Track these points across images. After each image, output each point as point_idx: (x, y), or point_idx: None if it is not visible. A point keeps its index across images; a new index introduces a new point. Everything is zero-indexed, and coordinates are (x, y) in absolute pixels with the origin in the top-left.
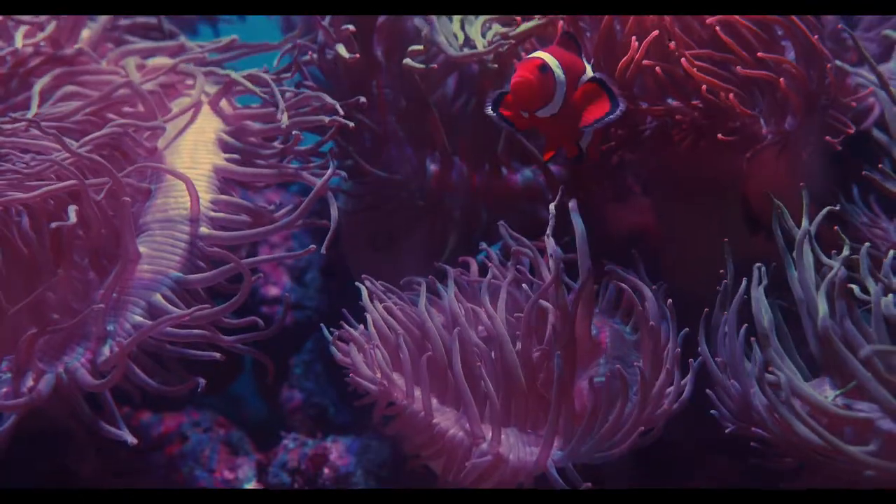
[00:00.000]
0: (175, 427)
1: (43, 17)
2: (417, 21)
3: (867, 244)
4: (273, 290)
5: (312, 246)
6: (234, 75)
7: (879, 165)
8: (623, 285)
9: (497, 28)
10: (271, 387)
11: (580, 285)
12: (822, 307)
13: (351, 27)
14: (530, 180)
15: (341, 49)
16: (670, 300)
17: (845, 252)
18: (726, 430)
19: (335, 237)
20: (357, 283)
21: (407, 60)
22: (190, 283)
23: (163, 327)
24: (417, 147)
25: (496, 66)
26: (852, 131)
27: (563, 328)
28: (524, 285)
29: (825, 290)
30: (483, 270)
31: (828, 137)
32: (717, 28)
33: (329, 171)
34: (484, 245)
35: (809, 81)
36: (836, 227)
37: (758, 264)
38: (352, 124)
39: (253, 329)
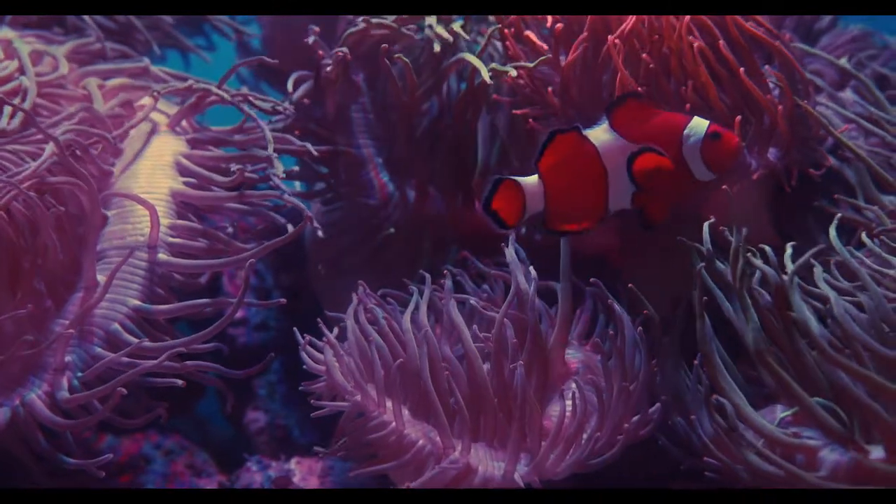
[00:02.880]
0: (137, 451)
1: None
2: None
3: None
4: (238, 312)
5: (283, 300)
6: (215, 90)
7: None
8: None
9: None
10: (236, 408)
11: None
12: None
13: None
14: None
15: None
16: (640, 328)
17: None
18: (681, 467)
19: (300, 259)
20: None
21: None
22: (152, 313)
23: (126, 358)
24: (393, 173)
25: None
26: (830, 163)
27: (534, 345)
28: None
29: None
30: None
31: (811, 170)
32: (721, 43)
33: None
34: (455, 270)
35: (794, 111)
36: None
37: (696, 291)
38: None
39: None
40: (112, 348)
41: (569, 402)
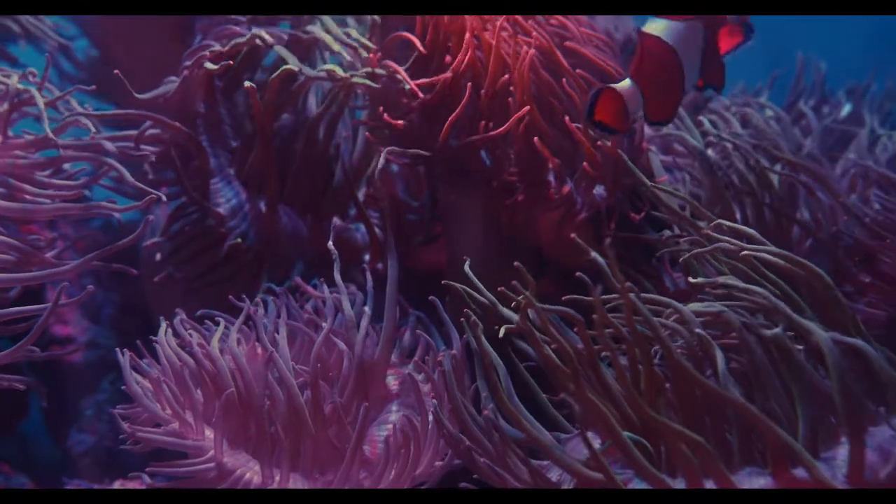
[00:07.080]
0: None
1: None
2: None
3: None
4: (64, 330)
5: (91, 287)
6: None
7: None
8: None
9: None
10: (62, 428)
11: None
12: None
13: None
14: (348, 238)
15: (209, 65)
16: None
17: None
18: None
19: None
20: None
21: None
22: None
23: None
24: (247, 186)
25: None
26: (647, 208)
27: (355, 369)
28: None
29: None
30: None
31: (631, 213)
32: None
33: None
34: (281, 289)
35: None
36: None
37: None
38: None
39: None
40: None
41: (389, 426)
